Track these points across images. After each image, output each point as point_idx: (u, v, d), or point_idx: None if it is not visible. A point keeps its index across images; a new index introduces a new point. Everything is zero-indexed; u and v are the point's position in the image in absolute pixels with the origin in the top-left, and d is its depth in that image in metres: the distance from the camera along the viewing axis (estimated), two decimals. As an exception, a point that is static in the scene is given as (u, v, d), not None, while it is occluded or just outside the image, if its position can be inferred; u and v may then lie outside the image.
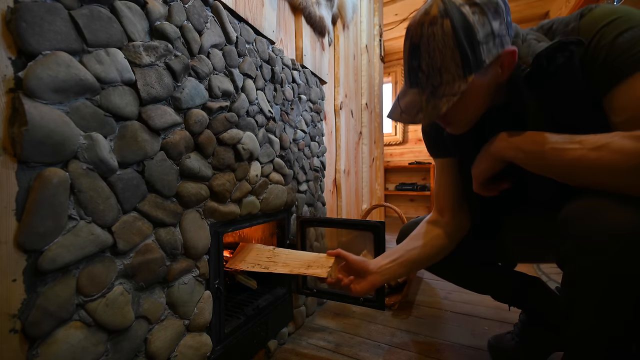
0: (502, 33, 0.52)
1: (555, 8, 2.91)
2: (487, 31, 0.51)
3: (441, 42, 0.52)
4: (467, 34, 0.50)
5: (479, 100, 0.58)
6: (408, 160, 3.94)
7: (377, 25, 2.31)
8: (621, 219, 0.44)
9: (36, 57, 0.42)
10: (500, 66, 0.55)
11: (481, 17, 0.50)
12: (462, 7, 0.51)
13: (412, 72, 0.57)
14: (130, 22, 0.54)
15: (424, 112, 0.55)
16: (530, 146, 0.54)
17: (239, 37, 0.82)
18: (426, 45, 0.54)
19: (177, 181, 0.64)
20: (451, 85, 0.53)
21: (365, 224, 0.99)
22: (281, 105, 1.02)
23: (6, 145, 0.40)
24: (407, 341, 1.04)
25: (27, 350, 0.42)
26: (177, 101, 0.63)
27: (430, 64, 0.54)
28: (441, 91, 0.54)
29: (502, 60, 0.54)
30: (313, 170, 1.26)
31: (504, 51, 0.53)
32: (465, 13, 0.51)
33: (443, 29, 0.51)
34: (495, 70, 0.55)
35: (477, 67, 0.52)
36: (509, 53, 0.53)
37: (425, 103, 0.55)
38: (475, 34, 0.50)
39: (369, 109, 2.11)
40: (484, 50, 0.51)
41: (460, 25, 0.50)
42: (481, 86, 0.55)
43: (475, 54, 0.51)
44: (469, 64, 0.52)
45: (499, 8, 0.52)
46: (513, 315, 1.16)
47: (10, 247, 0.40)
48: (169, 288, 0.63)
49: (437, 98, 0.54)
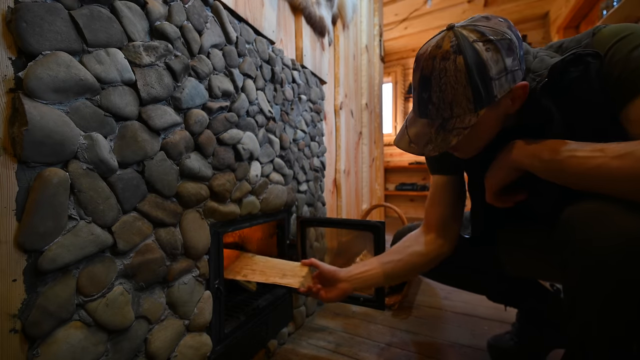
0: (515, 68, 0.53)
1: (555, 8, 2.91)
2: (500, 68, 0.51)
3: (453, 77, 0.52)
4: (480, 70, 0.51)
5: (489, 130, 0.59)
6: (408, 160, 3.94)
7: (377, 25, 2.31)
8: (628, 224, 0.44)
9: (36, 57, 0.42)
10: (512, 99, 0.56)
11: (495, 55, 0.51)
12: (475, 44, 0.51)
13: (422, 103, 0.58)
14: (130, 22, 0.54)
15: (433, 143, 0.56)
16: (549, 154, 0.53)
17: (239, 37, 0.82)
18: (437, 79, 0.54)
19: (177, 181, 0.64)
20: (462, 119, 0.54)
21: (365, 224, 0.99)
22: (281, 105, 1.02)
23: (6, 145, 0.40)
24: (407, 341, 1.04)
25: (27, 350, 0.42)
26: (177, 101, 0.63)
27: (441, 98, 0.54)
28: (451, 124, 0.54)
29: (514, 94, 0.55)
30: (313, 170, 1.26)
31: (515, 86, 0.54)
32: (479, 50, 0.51)
33: (456, 65, 0.52)
34: (506, 102, 0.56)
35: (489, 102, 0.53)
36: (522, 87, 0.54)
37: (435, 135, 0.56)
38: (488, 71, 0.51)
39: (369, 109, 2.11)
40: (496, 85, 0.52)
41: (474, 62, 0.51)
42: (491, 118, 0.56)
43: (488, 89, 0.52)
44: (481, 99, 0.52)
45: (512, 44, 0.52)
46: (513, 315, 1.16)
47: (11, 247, 0.40)
48: (169, 288, 0.63)
49: (447, 131, 0.55)
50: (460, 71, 0.52)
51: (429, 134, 0.57)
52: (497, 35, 0.51)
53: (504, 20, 0.55)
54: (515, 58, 0.53)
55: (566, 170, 0.51)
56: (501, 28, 0.53)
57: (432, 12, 3.16)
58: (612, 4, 1.60)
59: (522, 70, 0.55)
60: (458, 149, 0.63)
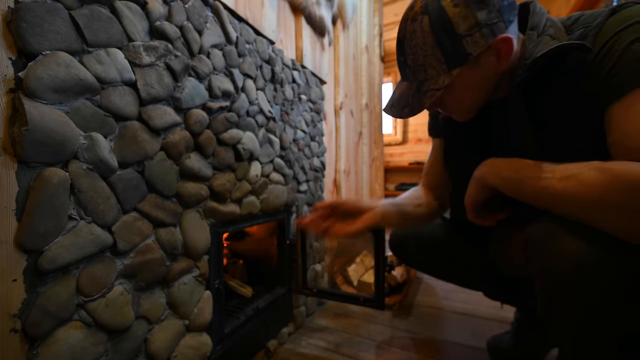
0: (492, 21, 0.49)
1: (555, 8, 2.91)
2: (471, 23, 0.49)
3: (421, 39, 0.52)
4: (445, 29, 0.50)
5: (474, 91, 0.57)
6: (408, 160, 3.94)
7: (377, 25, 2.31)
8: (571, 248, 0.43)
9: (36, 57, 0.42)
10: (496, 55, 0.52)
11: (463, 10, 0.49)
12: (443, 1, 0.50)
13: (401, 67, 0.58)
14: (130, 22, 0.54)
15: (409, 106, 0.56)
16: (508, 172, 0.52)
17: (239, 37, 0.82)
18: (409, 41, 0.54)
19: (177, 181, 0.64)
20: (435, 80, 0.53)
21: (365, 224, 0.99)
22: (281, 105, 1.02)
23: (6, 145, 0.40)
24: (407, 341, 1.04)
25: (27, 350, 0.42)
26: (177, 101, 0.63)
27: (414, 60, 0.55)
28: (426, 86, 0.54)
29: (497, 49, 0.51)
30: (313, 170, 1.26)
31: (495, 40, 0.50)
32: (445, 6, 0.50)
33: (422, 26, 0.52)
34: (488, 59, 0.53)
35: (462, 61, 0.51)
36: (502, 40, 0.50)
37: (412, 98, 0.56)
38: (455, 28, 0.49)
39: (369, 109, 2.11)
40: (468, 42, 0.50)
41: (439, 21, 0.50)
42: (473, 77, 0.54)
43: (457, 48, 0.50)
44: (451, 59, 0.51)
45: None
46: (511, 315, 1.16)
47: (11, 247, 0.40)
48: (169, 288, 0.63)
49: (422, 93, 0.54)
50: (426, 32, 0.51)
51: (407, 95, 0.57)
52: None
53: None
54: (491, 10, 0.49)
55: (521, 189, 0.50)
56: None
57: (432, 12, 3.15)
58: (611, 4, 1.60)
59: (508, 21, 0.51)
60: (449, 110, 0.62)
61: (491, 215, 0.62)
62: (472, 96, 0.58)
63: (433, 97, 0.53)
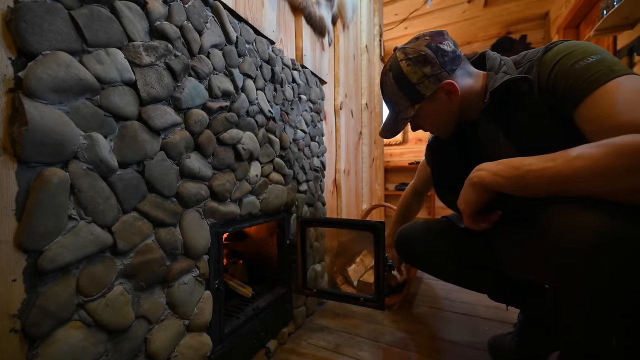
0: (436, 72, 0.71)
1: (556, 8, 2.91)
2: (419, 75, 0.71)
3: (390, 87, 0.77)
4: (403, 80, 0.74)
5: (439, 117, 0.76)
6: (408, 160, 3.94)
7: (377, 25, 2.31)
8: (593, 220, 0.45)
9: (36, 57, 0.42)
10: (447, 93, 0.72)
11: (413, 68, 0.72)
12: (400, 62, 0.74)
13: (386, 103, 0.83)
14: (130, 22, 0.54)
15: (390, 130, 0.82)
16: (508, 171, 0.57)
17: (239, 37, 0.82)
18: (385, 88, 0.80)
19: (177, 181, 0.64)
20: (405, 113, 0.77)
21: (365, 224, 0.99)
22: (281, 105, 1.02)
23: (6, 145, 0.40)
24: (407, 341, 1.04)
25: (27, 350, 0.42)
26: (177, 101, 0.63)
27: (390, 100, 0.80)
28: (400, 116, 0.79)
29: (446, 89, 0.71)
30: (313, 170, 1.26)
31: (440, 84, 0.71)
32: (402, 67, 0.73)
33: (389, 79, 0.77)
34: (441, 96, 0.72)
35: (420, 99, 0.73)
36: (446, 84, 0.70)
37: (392, 123, 0.82)
38: (409, 79, 0.73)
39: (369, 109, 2.11)
40: (421, 87, 0.72)
41: (398, 75, 0.74)
42: (433, 108, 0.75)
43: (413, 92, 0.73)
44: (412, 98, 0.74)
45: (427, 57, 0.70)
46: (513, 315, 1.16)
47: (10, 247, 0.40)
48: (169, 288, 0.63)
49: (397, 121, 0.80)
50: (392, 83, 0.76)
51: (390, 123, 0.82)
52: (414, 54, 0.72)
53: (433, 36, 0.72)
54: (433, 65, 0.70)
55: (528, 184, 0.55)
56: (419, 47, 0.72)
57: (432, 12, 3.16)
58: (612, 4, 1.59)
59: (450, 71, 0.71)
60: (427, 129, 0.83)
61: (485, 217, 0.65)
62: (440, 119, 0.77)
63: (405, 123, 0.79)
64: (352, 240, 1.59)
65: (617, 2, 1.56)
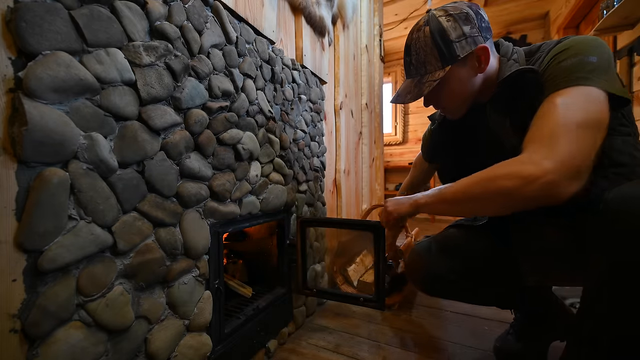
0: (474, 34, 0.69)
1: (556, 8, 2.91)
2: (459, 33, 0.68)
3: (423, 42, 0.72)
4: (441, 35, 0.69)
5: (462, 87, 0.73)
6: (408, 160, 3.94)
7: (377, 25, 2.31)
8: None
9: (36, 57, 0.42)
10: (477, 60, 0.70)
11: (454, 24, 0.69)
12: (439, 17, 0.70)
13: (406, 66, 0.78)
14: (130, 22, 0.54)
15: (411, 94, 0.74)
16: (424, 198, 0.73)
17: (239, 37, 0.82)
18: (414, 45, 0.74)
19: (177, 181, 0.64)
20: (433, 74, 0.71)
21: (365, 224, 0.99)
22: (281, 105, 1.02)
23: (6, 145, 0.40)
24: (407, 341, 1.04)
25: (27, 350, 0.42)
26: (177, 101, 0.63)
27: (417, 59, 0.74)
28: (425, 78, 0.72)
29: (478, 55, 0.69)
30: (313, 170, 1.26)
31: (476, 47, 0.68)
32: (441, 21, 0.70)
33: (424, 33, 0.71)
34: (472, 63, 0.70)
35: (453, 60, 0.69)
36: (481, 48, 0.69)
37: (414, 87, 0.74)
38: (449, 35, 0.69)
39: (369, 109, 2.11)
40: (458, 47, 0.69)
41: (437, 30, 0.70)
42: (461, 75, 0.71)
43: (450, 49, 0.69)
44: (445, 58, 0.70)
45: (469, 16, 0.69)
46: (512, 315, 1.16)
47: (10, 247, 0.40)
48: (169, 288, 0.63)
49: (422, 83, 0.73)
50: (427, 37, 0.71)
51: (410, 87, 0.76)
52: (456, 11, 0.69)
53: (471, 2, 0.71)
54: (473, 27, 0.68)
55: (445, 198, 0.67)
56: (461, 6, 0.70)
57: (432, 12, 3.15)
58: (612, 4, 1.59)
59: (484, 38, 0.70)
60: (442, 105, 0.79)
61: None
62: (461, 91, 0.73)
63: (431, 86, 0.70)
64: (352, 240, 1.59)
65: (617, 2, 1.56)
